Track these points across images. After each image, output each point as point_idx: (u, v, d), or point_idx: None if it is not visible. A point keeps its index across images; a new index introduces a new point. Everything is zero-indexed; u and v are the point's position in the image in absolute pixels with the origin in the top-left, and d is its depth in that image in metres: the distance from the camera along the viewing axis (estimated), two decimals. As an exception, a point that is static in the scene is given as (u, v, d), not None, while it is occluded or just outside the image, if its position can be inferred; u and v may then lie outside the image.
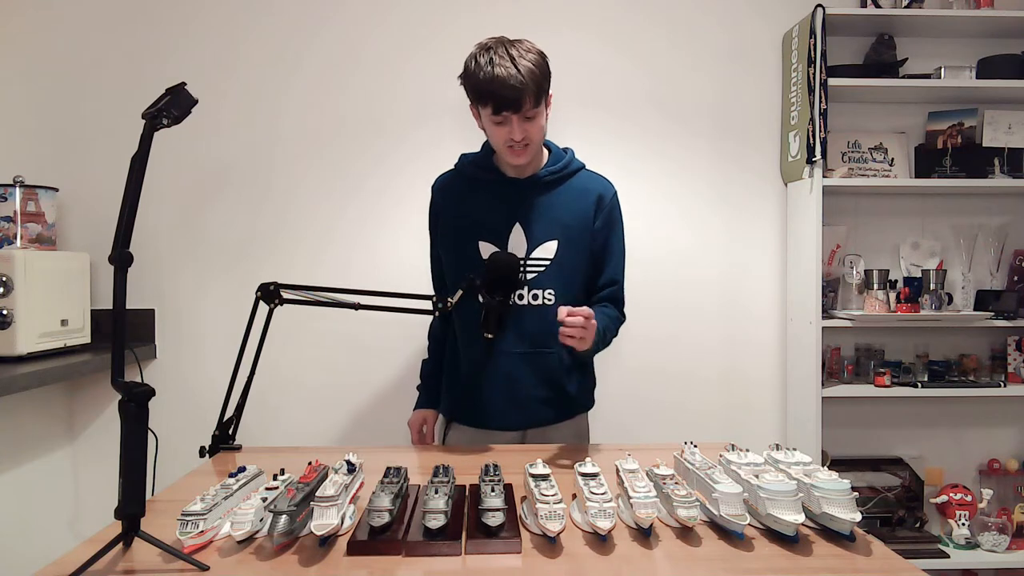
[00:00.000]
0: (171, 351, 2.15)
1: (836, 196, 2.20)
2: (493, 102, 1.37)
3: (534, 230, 1.51)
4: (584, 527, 0.99)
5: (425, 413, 1.69)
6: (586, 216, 1.54)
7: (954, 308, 2.19)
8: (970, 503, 2.10)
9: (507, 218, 1.51)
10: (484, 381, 1.53)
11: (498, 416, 1.54)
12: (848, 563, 0.89)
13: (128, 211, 0.98)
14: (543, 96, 1.43)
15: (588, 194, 1.55)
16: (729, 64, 2.24)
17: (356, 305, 1.39)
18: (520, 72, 1.35)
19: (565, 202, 1.53)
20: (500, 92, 1.35)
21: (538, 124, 1.44)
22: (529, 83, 1.36)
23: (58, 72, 2.11)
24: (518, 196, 1.52)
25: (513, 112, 1.38)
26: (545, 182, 1.54)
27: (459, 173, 1.61)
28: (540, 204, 1.52)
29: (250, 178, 2.16)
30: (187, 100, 1.10)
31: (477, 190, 1.55)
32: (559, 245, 1.51)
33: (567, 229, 1.52)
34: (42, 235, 1.92)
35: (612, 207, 1.58)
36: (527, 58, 1.38)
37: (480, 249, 1.51)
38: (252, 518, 0.95)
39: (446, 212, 1.58)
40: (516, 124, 1.39)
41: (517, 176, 1.54)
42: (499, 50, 1.37)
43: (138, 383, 0.93)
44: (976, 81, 2.10)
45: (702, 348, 2.25)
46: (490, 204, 1.53)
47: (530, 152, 1.47)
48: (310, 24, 2.17)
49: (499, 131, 1.42)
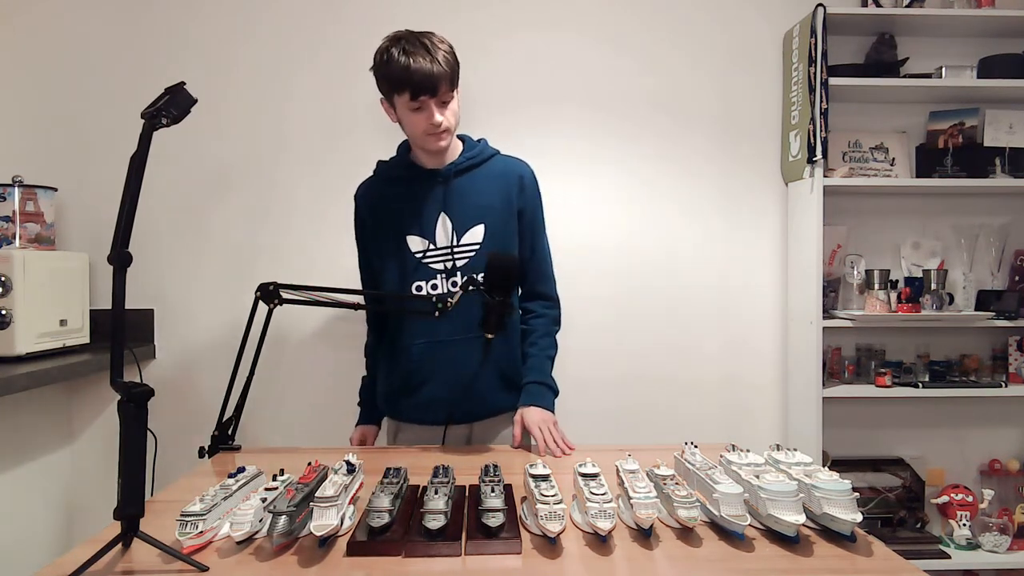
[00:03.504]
0: (170, 351, 2.14)
1: (837, 196, 2.20)
2: (411, 87, 1.40)
3: (459, 216, 1.53)
4: (584, 528, 0.99)
5: (365, 430, 1.69)
6: (509, 197, 1.56)
7: (955, 308, 2.19)
8: (971, 503, 2.10)
9: (431, 209, 1.53)
10: (430, 375, 1.53)
11: (448, 408, 1.52)
12: (849, 564, 0.89)
13: (127, 211, 0.97)
14: (456, 81, 1.47)
15: (508, 175, 1.58)
16: (729, 63, 2.24)
17: (356, 305, 1.39)
18: (435, 57, 1.40)
19: (486, 186, 1.56)
20: (417, 76, 1.39)
21: (453, 109, 1.48)
22: (444, 67, 1.41)
23: (58, 72, 2.11)
24: (439, 186, 1.54)
25: (431, 96, 1.41)
26: (463, 168, 1.55)
27: (378, 177, 1.64)
28: (462, 191, 1.54)
29: (250, 178, 2.16)
30: (186, 100, 1.09)
31: (398, 188, 1.57)
32: (486, 228, 1.53)
33: (492, 211, 1.54)
34: (41, 235, 1.92)
35: (533, 186, 1.62)
36: (439, 46, 1.43)
37: (408, 243, 1.53)
38: (251, 519, 0.95)
39: (371, 216, 1.60)
40: (435, 107, 1.43)
41: (436, 167, 1.55)
42: (411, 39, 1.42)
43: (137, 383, 0.93)
44: (977, 81, 2.10)
45: (702, 349, 2.24)
46: (413, 198, 1.55)
47: (448, 137, 1.50)
48: (311, 24, 2.17)
49: (417, 118, 1.44)
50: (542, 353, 1.59)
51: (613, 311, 2.23)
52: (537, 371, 1.57)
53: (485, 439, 1.57)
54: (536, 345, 1.60)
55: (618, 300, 2.23)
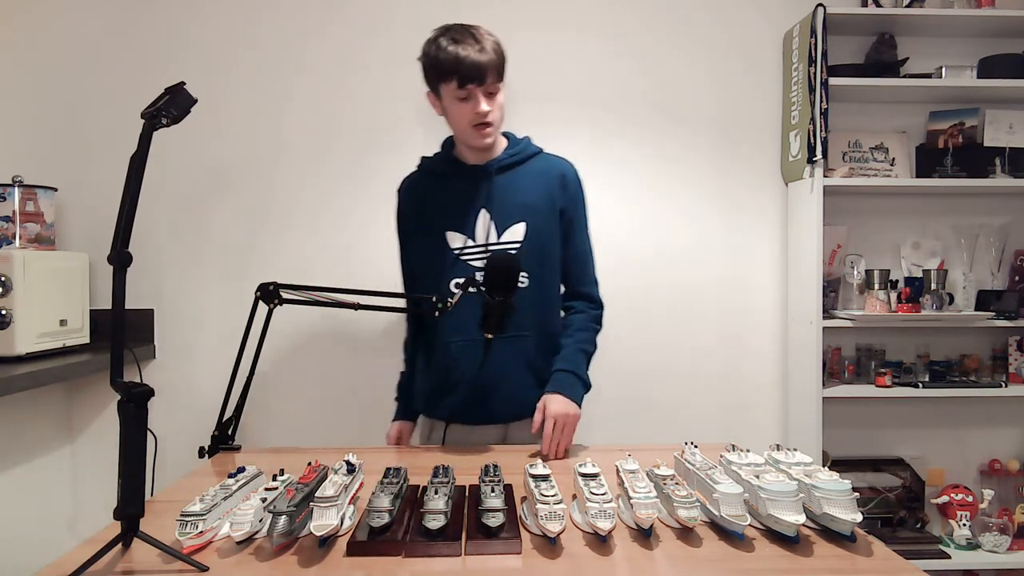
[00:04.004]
0: (170, 351, 2.14)
1: (837, 196, 2.20)
2: (458, 76, 1.40)
3: (500, 214, 1.52)
4: (584, 528, 0.99)
5: (402, 426, 1.67)
6: (551, 195, 1.55)
7: (955, 308, 2.19)
8: (971, 503, 2.10)
9: (472, 205, 1.52)
10: (464, 374, 1.51)
11: (481, 408, 1.52)
12: (849, 564, 0.89)
13: (127, 211, 0.97)
14: (503, 74, 1.47)
15: (550, 174, 1.57)
16: (730, 63, 2.24)
17: (356, 305, 1.39)
18: (483, 46, 1.40)
19: (529, 184, 1.54)
20: (465, 64, 1.39)
21: (499, 103, 1.48)
22: (492, 56, 1.41)
23: (57, 72, 2.11)
24: (481, 182, 1.53)
25: (478, 85, 1.41)
26: (506, 165, 1.55)
27: (422, 171, 1.63)
28: (504, 188, 1.53)
29: (250, 178, 2.16)
30: (186, 100, 1.09)
31: (440, 184, 1.57)
32: (527, 227, 1.52)
33: (534, 210, 1.53)
34: (41, 235, 1.92)
35: (575, 185, 1.60)
36: (488, 37, 1.44)
37: (448, 239, 1.52)
38: (251, 519, 0.95)
39: (412, 210, 1.60)
40: (481, 97, 1.42)
41: (478, 163, 1.54)
42: (459, 30, 1.42)
43: (137, 383, 0.93)
44: (977, 80, 2.10)
45: (702, 349, 2.24)
46: (454, 194, 1.54)
47: (494, 131, 1.49)
48: (311, 24, 2.17)
49: (463, 108, 1.44)
50: (576, 345, 1.55)
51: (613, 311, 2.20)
52: (569, 360, 1.52)
53: (520, 439, 1.54)
54: (572, 337, 1.56)
55: (618, 300, 2.22)
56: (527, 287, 1.50)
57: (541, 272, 1.53)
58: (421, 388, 1.62)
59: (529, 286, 1.50)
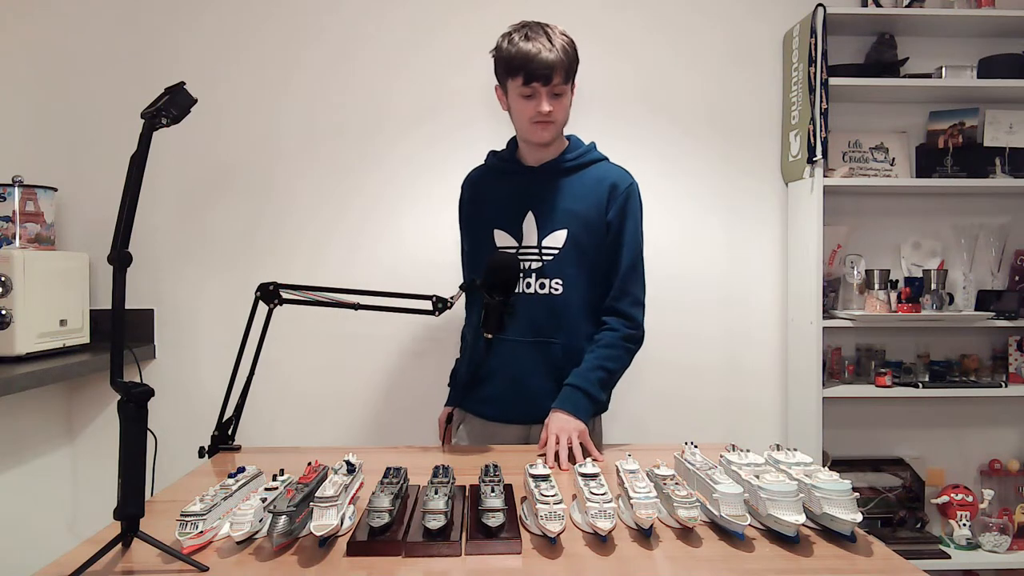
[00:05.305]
0: (170, 351, 2.14)
1: (837, 196, 2.20)
2: (524, 72, 1.40)
3: (545, 219, 1.52)
4: (584, 528, 0.99)
5: (448, 410, 1.69)
6: (599, 206, 1.52)
7: (955, 308, 2.19)
8: (971, 504, 2.10)
9: (520, 205, 1.53)
10: (491, 371, 1.54)
11: (504, 406, 1.54)
12: (849, 564, 0.89)
13: (127, 211, 0.97)
14: (572, 76, 1.47)
15: (601, 184, 1.53)
16: (729, 64, 2.24)
17: (356, 305, 1.39)
18: (553, 46, 1.40)
19: (578, 192, 1.53)
20: (532, 62, 1.39)
21: (564, 103, 1.47)
22: (561, 56, 1.41)
23: (57, 72, 2.11)
24: (532, 185, 1.54)
25: (543, 84, 1.41)
26: (561, 170, 1.54)
27: (486, 167, 1.66)
28: (553, 193, 1.53)
29: (249, 178, 2.16)
30: (186, 100, 1.09)
31: (498, 181, 1.59)
32: (568, 235, 1.51)
33: (578, 219, 1.51)
34: (41, 235, 1.92)
35: (628, 197, 1.53)
36: (560, 37, 1.44)
37: (495, 238, 1.54)
38: (251, 519, 0.95)
39: (470, 204, 1.63)
40: (544, 97, 1.42)
41: (535, 165, 1.55)
42: (534, 27, 1.43)
43: (137, 383, 0.93)
44: (977, 81, 2.10)
45: (703, 348, 2.24)
46: (507, 194, 1.56)
47: (554, 130, 1.48)
48: (310, 23, 2.17)
49: (526, 106, 1.44)
50: (595, 361, 1.48)
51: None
52: (580, 376, 1.47)
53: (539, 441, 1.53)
54: (593, 353, 1.50)
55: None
56: (560, 294, 1.50)
57: (576, 281, 1.51)
58: (460, 379, 1.66)
59: (563, 294, 1.50)
